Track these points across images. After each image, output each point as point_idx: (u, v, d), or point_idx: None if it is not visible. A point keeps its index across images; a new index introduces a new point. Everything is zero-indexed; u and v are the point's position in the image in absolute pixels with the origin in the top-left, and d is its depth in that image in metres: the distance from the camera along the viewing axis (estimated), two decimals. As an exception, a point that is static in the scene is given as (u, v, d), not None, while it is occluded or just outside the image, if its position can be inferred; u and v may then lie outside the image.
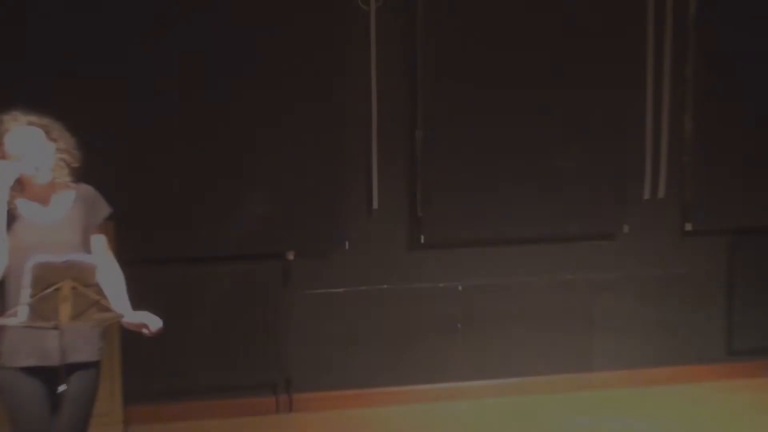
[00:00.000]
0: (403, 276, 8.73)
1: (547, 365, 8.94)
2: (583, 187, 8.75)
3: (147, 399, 8.27)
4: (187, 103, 8.14)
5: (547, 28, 8.62)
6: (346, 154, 8.49)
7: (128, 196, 7.62)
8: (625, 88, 8.82)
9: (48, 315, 5.26)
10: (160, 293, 8.08)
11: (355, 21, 8.41)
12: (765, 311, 9.17)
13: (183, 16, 8.08)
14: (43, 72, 7.68)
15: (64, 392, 5.42)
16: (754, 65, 8.90)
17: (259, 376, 8.52)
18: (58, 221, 5.63)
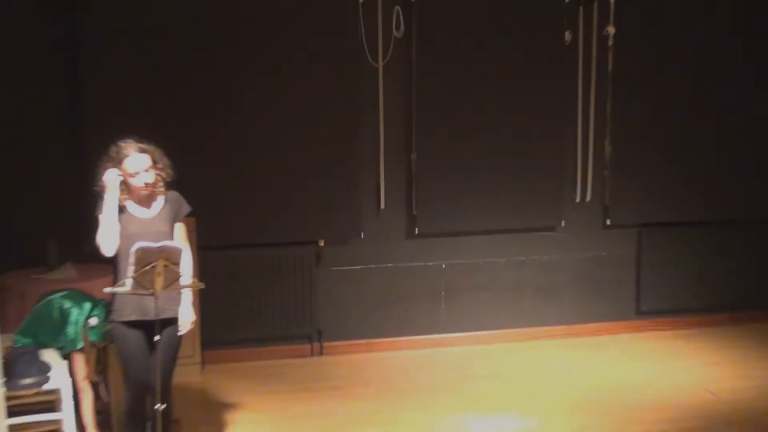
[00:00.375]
0: (402, 257, 8.79)
1: (506, 322, 8.99)
2: (532, 193, 8.81)
3: (218, 345, 8.36)
4: (246, 133, 8.24)
5: (504, 81, 8.67)
6: (362, 170, 8.57)
7: (203, 199, 7.72)
8: (562, 121, 8.88)
9: (147, 285, 5.44)
10: (226, 269, 8.27)
11: (368, 74, 8.48)
12: (663, 283, 9.23)
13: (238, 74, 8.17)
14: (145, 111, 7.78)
15: (158, 340, 5.55)
16: (656, 106, 8.98)
17: (298, 329, 8.56)
18: (154, 217, 5.78)
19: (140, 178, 5.66)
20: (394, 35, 8.47)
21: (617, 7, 8.79)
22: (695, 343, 8.88)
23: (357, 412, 7.26)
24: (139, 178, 5.66)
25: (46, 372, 6.12)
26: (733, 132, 9.17)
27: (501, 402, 7.44)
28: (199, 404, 7.47)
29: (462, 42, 8.57)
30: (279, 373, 8.20)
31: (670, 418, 7.11)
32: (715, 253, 9.29)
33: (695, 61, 9.02)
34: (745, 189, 9.27)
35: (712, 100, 9.09)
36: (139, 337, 5.75)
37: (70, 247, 7.55)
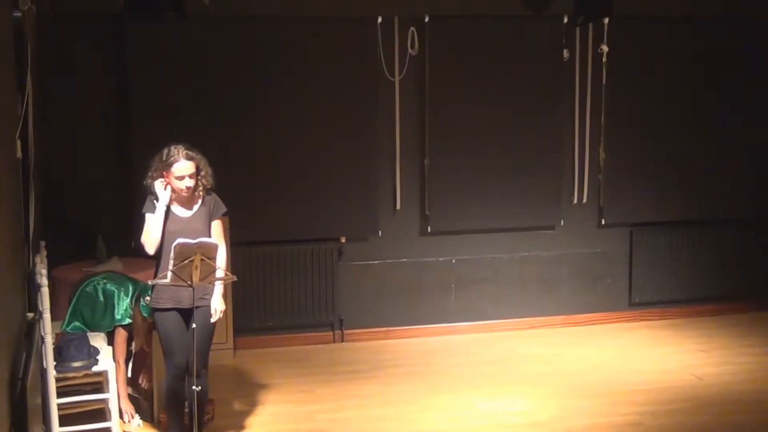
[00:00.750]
0: (416, 253, 8.74)
1: (510, 312, 8.92)
2: (534, 195, 8.77)
3: (249, 332, 8.33)
4: (275, 141, 8.25)
5: (508, 94, 8.67)
6: (379, 173, 8.53)
7: (237, 200, 7.74)
8: (560, 129, 8.85)
9: (185, 278, 5.42)
10: (256, 264, 8.28)
11: (385, 87, 8.46)
12: (653, 276, 9.16)
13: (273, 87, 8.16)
14: (185, 119, 7.78)
15: (194, 328, 5.54)
16: (645, 116, 8.97)
17: (321, 318, 8.52)
18: (192, 216, 5.79)
19: (183, 182, 5.66)
20: (409, 53, 8.45)
21: (611, 28, 8.75)
22: (682, 331, 8.81)
23: (375, 394, 7.25)
24: (182, 182, 5.66)
25: (95, 355, 6.10)
26: (716, 139, 9.13)
27: (505, 385, 7.41)
28: (232, 386, 7.45)
29: (470, 59, 8.56)
30: (304, 357, 8.18)
31: (660, 400, 7.07)
32: (700, 249, 9.24)
33: (681, 75, 9.00)
34: (726, 191, 9.23)
35: (696, 110, 9.07)
36: (177, 319, 5.78)
37: (116, 242, 7.55)
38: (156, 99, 7.87)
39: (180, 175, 5.68)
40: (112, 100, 7.95)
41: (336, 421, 6.68)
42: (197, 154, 5.77)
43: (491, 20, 8.54)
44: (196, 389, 5.69)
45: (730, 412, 6.85)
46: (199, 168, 5.76)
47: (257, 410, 6.89)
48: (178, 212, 5.80)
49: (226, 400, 6.99)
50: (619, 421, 6.66)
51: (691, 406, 6.95)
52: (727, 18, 9.00)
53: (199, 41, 7.92)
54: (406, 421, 6.70)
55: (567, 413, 6.83)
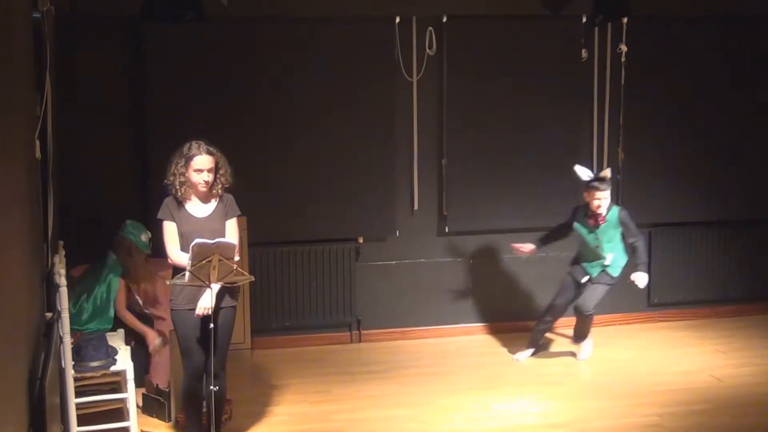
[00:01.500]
0: (434, 254, 8.73)
1: (528, 314, 8.82)
2: (552, 195, 8.70)
3: (266, 332, 8.35)
4: (294, 142, 8.27)
5: (526, 94, 8.66)
6: (397, 174, 8.53)
7: (256, 200, 7.78)
8: (579, 130, 8.84)
9: (203, 277, 5.43)
10: (274, 264, 8.29)
11: (403, 88, 8.46)
12: (672, 277, 9.13)
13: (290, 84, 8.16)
14: (204, 122, 7.79)
15: (212, 327, 5.55)
16: (665, 116, 8.93)
17: (339, 318, 8.53)
18: (208, 216, 5.82)
19: (201, 176, 5.69)
20: (427, 53, 8.45)
21: (629, 27, 8.72)
22: (702, 332, 8.78)
23: (392, 394, 7.25)
24: (200, 175, 5.69)
25: (113, 355, 6.12)
26: (736, 139, 9.10)
27: (522, 386, 7.40)
28: (250, 385, 7.46)
29: (488, 59, 8.56)
30: (321, 357, 8.19)
31: (679, 401, 7.04)
32: (719, 250, 9.20)
33: (699, 75, 8.97)
34: (746, 192, 9.19)
35: (717, 109, 9.04)
36: (195, 321, 5.78)
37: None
38: (174, 99, 7.91)
39: (199, 168, 5.72)
40: (130, 100, 7.97)
41: (353, 422, 6.69)
42: (217, 151, 5.82)
43: (509, 20, 8.53)
44: (214, 389, 5.70)
45: (749, 413, 6.81)
46: (218, 165, 5.80)
47: (274, 410, 6.90)
48: (195, 212, 5.82)
49: (243, 400, 7.00)
50: (638, 423, 6.64)
51: (710, 408, 6.92)
52: (747, 16, 8.96)
53: (217, 42, 7.95)
54: (422, 421, 6.70)
55: (585, 414, 6.81)
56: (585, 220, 7.62)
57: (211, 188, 5.81)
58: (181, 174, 5.74)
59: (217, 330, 5.71)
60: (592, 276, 7.73)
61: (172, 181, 5.77)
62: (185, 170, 5.73)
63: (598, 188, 7.45)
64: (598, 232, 7.59)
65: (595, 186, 7.45)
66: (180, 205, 5.80)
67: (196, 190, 5.79)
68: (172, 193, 5.79)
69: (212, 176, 5.77)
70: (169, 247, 5.77)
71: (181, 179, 5.74)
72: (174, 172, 5.76)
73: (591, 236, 7.63)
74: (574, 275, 7.86)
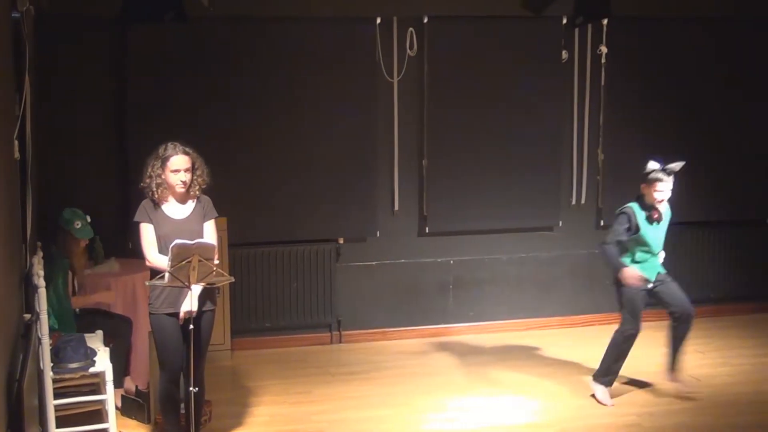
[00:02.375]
0: (414, 254, 8.74)
1: (508, 313, 8.93)
2: (532, 196, 8.78)
3: (246, 333, 8.34)
4: (273, 142, 8.27)
5: (507, 95, 8.69)
6: (378, 174, 8.53)
7: (236, 201, 7.76)
8: (559, 131, 8.88)
9: (182, 279, 5.40)
10: (254, 265, 8.27)
11: (384, 88, 8.47)
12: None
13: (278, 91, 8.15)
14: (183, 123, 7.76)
15: (192, 330, 5.53)
16: (644, 117, 8.97)
17: (319, 319, 8.53)
18: (186, 218, 5.79)
19: (178, 176, 5.67)
20: (407, 53, 8.46)
21: (609, 28, 8.78)
22: (680, 332, 8.79)
23: (373, 395, 7.25)
24: (177, 176, 5.67)
25: (92, 357, 6.09)
26: (713, 140, 9.14)
27: (503, 386, 7.42)
28: (229, 387, 7.45)
29: (469, 59, 8.57)
30: (302, 359, 8.18)
31: (658, 401, 7.09)
32: (697, 250, 9.26)
33: (680, 76, 9.02)
34: (723, 193, 9.24)
35: (695, 110, 9.09)
36: (174, 326, 5.74)
37: (114, 243, 7.55)
38: (154, 100, 7.88)
39: (176, 169, 5.68)
40: (110, 101, 7.94)
41: (333, 422, 6.68)
42: (193, 151, 5.79)
43: (490, 21, 8.54)
44: (194, 390, 5.67)
45: (728, 413, 6.86)
46: (195, 165, 5.77)
47: (254, 411, 6.89)
48: (172, 214, 5.78)
49: (223, 401, 6.98)
50: (617, 422, 6.67)
51: (689, 407, 6.95)
52: (724, 18, 9.02)
53: (197, 42, 7.92)
54: (403, 422, 6.70)
55: (565, 414, 6.83)
56: (645, 215, 7.07)
57: (189, 189, 5.77)
58: (157, 176, 5.70)
59: (197, 333, 5.68)
60: (651, 279, 7.08)
61: (149, 184, 5.71)
62: (162, 172, 5.70)
63: (661, 179, 6.98)
64: (660, 227, 7.13)
65: (659, 177, 6.99)
66: (157, 207, 5.75)
67: (173, 191, 5.75)
68: (149, 196, 5.75)
69: (189, 176, 5.73)
70: (146, 250, 5.73)
71: (158, 181, 5.70)
72: (150, 174, 5.71)
73: (653, 232, 7.07)
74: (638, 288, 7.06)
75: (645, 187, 7.08)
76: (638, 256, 7.08)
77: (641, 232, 7.01)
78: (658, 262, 7.14)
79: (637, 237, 7.02)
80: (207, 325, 5.86)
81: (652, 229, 7.04)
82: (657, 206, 7.04)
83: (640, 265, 7.06)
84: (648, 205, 7.05)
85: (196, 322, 5.63)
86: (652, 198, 7.02)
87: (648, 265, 7.09)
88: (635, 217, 7.03)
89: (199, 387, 5.77)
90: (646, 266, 7.09)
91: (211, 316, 5.90)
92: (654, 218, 7.04)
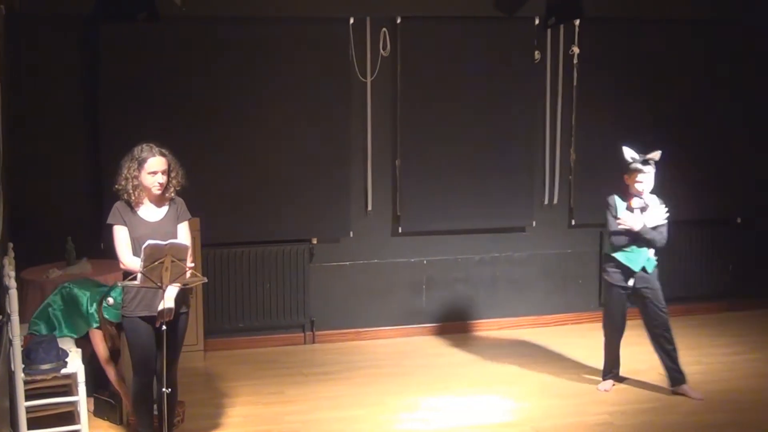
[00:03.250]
0: (388, 254, 8.76)
1: (481, 312, 8.97)
2: (505, 196, 8.81)
3: (219, 334, 8.32)
4: (246, 143, 8.24)
5: (480, 95, 8.70)
6: (351, 175, 8.54)
7: (209, 201, 7.74)
8: (531, 131, 8.90)
9: (155, 279, 5.36)
10: (228, 265, 8.25)
11: (357, 88, 8.47)
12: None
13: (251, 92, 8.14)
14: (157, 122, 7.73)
15: (165, 330, 5.52)
16: (615, 118, 9.00)
17: (293, 320, 8.52)
18: (161, 220, 5.75)
19: (155, 178, 5.63)
20: (381, 54, 8.47)
21: (581, 29, 8.82)
22: (652, 331, 8.86)
23: (346, 395, 7.25)
24: (154, 177, 5.63)
25: (63, 358, 6.06)
26: (684, 139, 9.17)
27: (476, 386, 7.44)
28: (202, 388, 7.42)
29: (442, 60, 8.59)
30: (275, 359, 8.17)
31: (629, 400, 7.13)
32: (669, 250, 9.21)
33: (651, 76, 9.08)
34: (693, 192, 9.25)
35: (666, 110, 9.15)
36: (148, 329, 5.71)
37: (86, 244, 7.51)
38: (127, 100, 7.85)
39: (153, 170, 5.64)
40: (82, 101, 7.90)
41: (307, 423, 6.68)
42: (168, 152, 5.75)
43: (463, 21, 8.57)
44: (166, 391, 5.64)
45: (698, 411, 6.90)
46: (171, 167, 5.74)
47: (228, 412, 6.87)
48: (147, 216, 5.74)
49: (196, 401, 6.96)
50: (589, 421, 6.70)
51: (660, 406, 7.00)
52: (696, 20, 9.09)
53: (170, 41, 7.91)
54: (377, 422, 6.71)
55: (537, 413, 6.86)
56: (625, 205, 7.07)
57: (164, 191, 5.74)
58: (134, 177, 5.65)
59: (171, 335, 5.66)
60: (636, 272, 7.07)
61: (124, 186, 5.66)
62: (138, 173, 5.65)
63: (642, 170, 6.98)
64: (644, 218, 7.07)
65: (639, 168, 6.99)
66: (131, 210, 5.69)
67: (149, 193, 5.71)
68: (124, 198, 5.70)
69: (166, 178, 5.69)
70: (120, 252, 5.67)
71: (134, 183, 5.65)
72: (126, 176, 5.66)
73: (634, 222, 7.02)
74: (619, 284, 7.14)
75: (627, 178, 7.12)
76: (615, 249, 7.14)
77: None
78: (644, 254, 7.13)
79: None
80: (182, 328, 5.84)
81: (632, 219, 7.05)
82: (641, 196, 7.07)
83: (625, 254, 7.10)
84: (629, 195, 7.10)
85: (172, 325, 5.62)
86: (634, 189, 7.06)
87: (633, 255, 7.11)
88: (616, 205, 7.10)
89: (172, 388, 5.74)
90: (631, 256, 7.11)
91: (186, 318, 5.88)
92: (633, 207, 7.07)
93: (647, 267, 7.13)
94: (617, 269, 7.12)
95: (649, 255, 7.12)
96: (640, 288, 7.14)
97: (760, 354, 8.22)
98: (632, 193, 7.07)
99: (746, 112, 9.35)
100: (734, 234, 9.54)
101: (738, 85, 9.29)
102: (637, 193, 7.05)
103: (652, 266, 7.14)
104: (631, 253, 7.08)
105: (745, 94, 9.31)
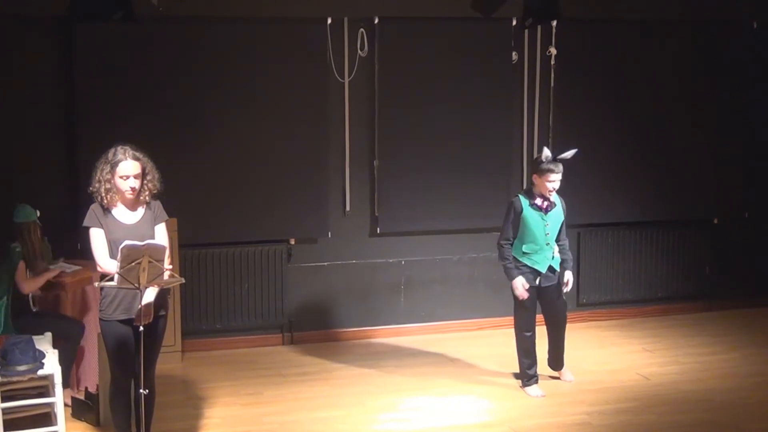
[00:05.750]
0: (366, 255, 8.76)
1: (459, 313, 8.97)
2: (483, 196, 8.80)
3: (197, 334, 8.31)
4: (224, 142, 8.22)
5: (458, 96, 8.72)
6: (329, 175, 8.54)
7: (186, 202, 7.73)
8: (509, 131, 8.94)
9: (132, 280, 5.34)
10: (205, 266, 8.24)
11: (335, 89, 8.47)
12: (601, 277, 9.29)
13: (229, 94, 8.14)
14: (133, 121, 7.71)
15: (142, 332, 5.49)
16: (592, 118, 9.07)
17: (271, 320, 8.52)
18: (138, 223, 5.70)
19: (128, 182, 5.59)
20: (358, 54, 8.48)
21: (559, 30, 8.86)
22: (629, 331, 8.94)
23: (324, 395, 7.26)
24: (126, 182, 5.59)
25: (40, 359, 6.05)
26: (662, 140, 9.27)
27: (454, 386, 7.47)
28: (180, 389, 7.42)
29: (420, 60, 8.60)
30: (253, 360, 8.16)
31: (607, 400, 7.17)
32: (647, 250, 9.39)
33: (628, 77, 9.13)
34: (673, 193, 9.36)
35: (643, 111, 9.21)
36: (126, 333, 5.67)
37: (63, 244, 7.49)
38: (102, 101, 7.82)
39: (125, 174, 5.57)
40: (57, 102, 7.86)
41: (285, 424, 6.69)
42: (144, 156, 5.69)
43: (441, 22, 8.59)
44: (144, 393, 5.63)
45: (676, 411, 6.96)
46: (146, 171, 5.69)
47: (206, 413, 6.87)
48: (123, 219, 5.69)
49: (174, 403, 6.96)
50: (567, 421, 6.74)
51: (638, 406, 7.05)
52: (674, 20, 9.15)
53: (147, 42, 7.87)
54: (354, 423, 6.73)
55: (516, 413, 6.90)
56: (533, 204, 7.14)
57: (139, 195, 5.68)
58: (106, 181, 5.59)
59: (150, 338, 5.62)
60: (542, 272, 7.19)
61: (98, 189, 5.61)
62: (111, 177, 5.59)
63: (554, 170, 7.05)
64: (548, 217, 7.19)
65: (551, 168, 7.04)
66: (107, 212, 5.65)
67: (122, 197, 5.64)
68: (98, 201, 5.65)
69: (139, 183, 5.62)
70: (98, 254, 5.62)
71: (107, 186, 5.59)
72: (99, 179, 5.60)
73: (541, 223, 7.15)
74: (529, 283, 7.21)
75: (536, 177, 7.19)
76: (526, 248, 7.22)
77: (525, 221, 7.14)
78: (549, 254, 7.25)
79: (522, 227, 7.17)
80: (161, 331, 5.82)
81: (538, 219, 7.15)
82: (547, 196, 7.17)
83: (529, 257, 7.20)
84: (536, 194, 7.18)
85: (151, 328, 5.58)
86: (543, 188, 7.16)
87: (538, 257, 7.22)
88: (521, 205, 7.18)
89: (150, 389, 5.73)
90: (536, 258, 7.22)
91: (165, 321, 5.85)
92: (541, 207, 7.16)
93: (554, 265, 7.28)
94: (527, 269, 7.24)
95: (554, 254, 7.27)
96: (547, 286, 7.31)
97: (736, 354, 8.29)
98: (537, 193, 7.18)
99: (723, 112, 9.41)
100: (711, 235, 9.60)
101: (714, 85, 9.34)
102: (546, 192, 7.12)
103: (557, 264, 7.30)
104: (534, 254, 7.22)
105: (721, 94, 9.36)
